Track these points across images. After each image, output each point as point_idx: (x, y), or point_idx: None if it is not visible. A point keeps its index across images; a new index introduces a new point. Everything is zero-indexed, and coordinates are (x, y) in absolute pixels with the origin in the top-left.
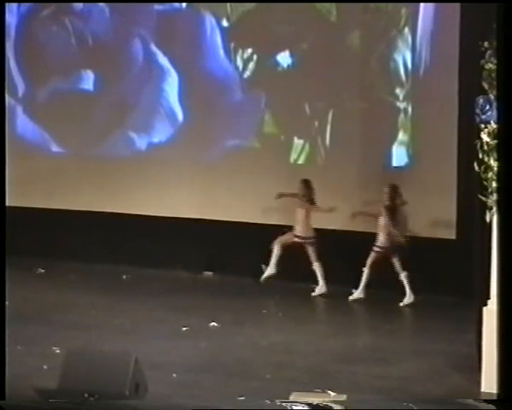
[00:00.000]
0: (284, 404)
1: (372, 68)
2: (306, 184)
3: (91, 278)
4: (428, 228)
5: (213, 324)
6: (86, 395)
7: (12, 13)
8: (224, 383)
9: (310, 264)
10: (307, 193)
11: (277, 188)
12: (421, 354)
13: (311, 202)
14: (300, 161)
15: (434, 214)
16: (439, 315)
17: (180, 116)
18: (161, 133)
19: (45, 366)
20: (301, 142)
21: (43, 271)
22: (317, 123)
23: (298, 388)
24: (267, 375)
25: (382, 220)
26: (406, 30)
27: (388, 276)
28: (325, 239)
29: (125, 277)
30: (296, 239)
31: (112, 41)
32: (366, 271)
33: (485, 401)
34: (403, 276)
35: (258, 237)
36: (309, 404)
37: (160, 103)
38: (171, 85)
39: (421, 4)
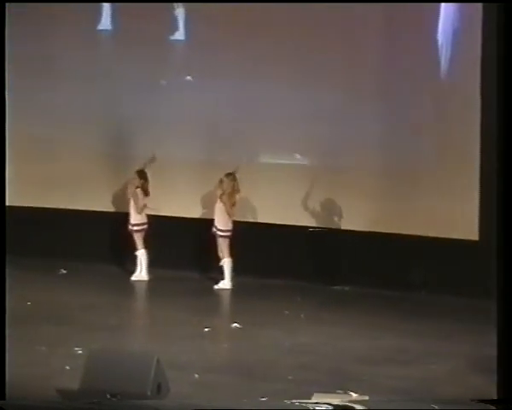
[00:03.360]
0: (306, 405)
1: (393, 68)
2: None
3: (114, 279)
4: (450, 229)
5: (235, 325)
6: (108, 396)
7: None
8: (246, 384)
9: (330, 264)
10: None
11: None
12: (442, 355)
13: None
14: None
15: (457, 215)
16: (461, 316)
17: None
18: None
19: (67, 367)
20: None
21: (65, 272)
22: (340, 125)
23: (320, 389)
24: (289, 376)
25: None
26: (428, 30)
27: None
28: None
29: (150, 277)
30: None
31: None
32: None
33: (486, 401)
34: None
35: (279, 237)
36: (331, 404)
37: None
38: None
39: (443, 4)
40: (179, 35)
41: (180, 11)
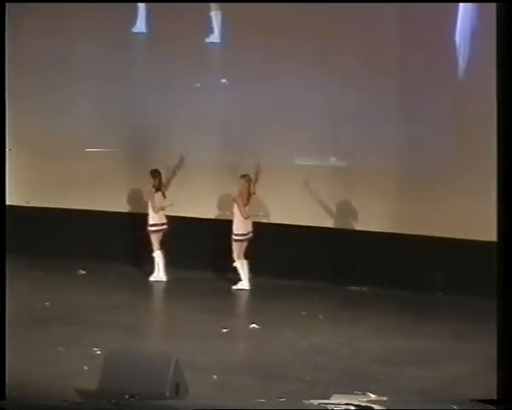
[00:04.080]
0: (324, 405)
1: (411, 69)
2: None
3: (132, 280)
4: (468, 230)
5: (253, 326)
6: (126, 396)
7: None
8: (264, 384)
9: (348, 265)
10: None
11: (324, 192)
12: (460, 355)
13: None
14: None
15: (475, 216)
16: (479, 317)
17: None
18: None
19: (86, 367)
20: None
21: (84, 272)
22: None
23: (337, 390)
24: (307, 377)
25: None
26: (446, 30)
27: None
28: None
29: (169, 278)
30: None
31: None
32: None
33: (486, 401)
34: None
35: (296, 238)
36: (349, 405)
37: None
38: None
39: (461, 4)
40: (214, 38)
41: (216, 14)
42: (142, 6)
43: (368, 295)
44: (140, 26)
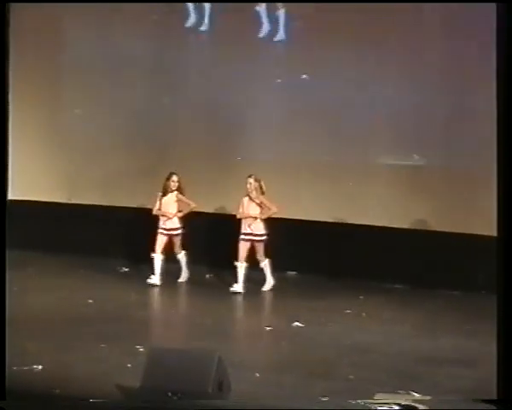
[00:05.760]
0: (369, 404)
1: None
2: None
3: (174, 277)
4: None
5: (297, 324)
6: (169, 394)
7: None
8: (307, 383)
9: (393, 262)
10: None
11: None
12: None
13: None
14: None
15: (476, 211)
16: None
17: None
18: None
19: (129, 365)
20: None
21: (126, 269)
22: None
23: (381, 389)
24: (350, 375)
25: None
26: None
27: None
28: None
29: (208, 276)
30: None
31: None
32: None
33: (486, 400)
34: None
35: (342, 235)
36: (393, 404)
37: None
38: None
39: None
40: (280, 36)
41: (280, 12)
42: (206, 6)
43: (413, 293)
44: (196, 22)
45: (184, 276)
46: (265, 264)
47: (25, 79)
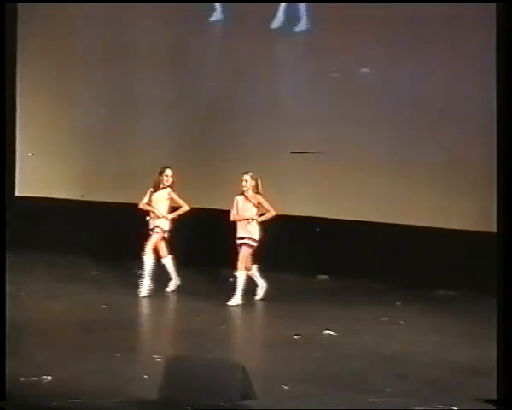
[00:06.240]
0: None
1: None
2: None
3: (195, 282)
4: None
5: (328, 332)
6: (189, 408)
7: None
8: (339, 396)
9: (433, 267)
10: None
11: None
12: None
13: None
14: None
15: (476, 208)
16: None
17: None
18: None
19: (145, 376)
20: None
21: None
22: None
23: (419, 402)
24: (386, 388)
25: None
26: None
27: None
28: None
29: (231, 280)
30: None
31: None
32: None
33: (486, 400)
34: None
35: (379, 238)
36: None
37: None
38: None
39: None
40: (301, 26)
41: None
42: None
43: (454, 299)
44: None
45: (174, 283)
46: (254, 271)
47: (35, 72)
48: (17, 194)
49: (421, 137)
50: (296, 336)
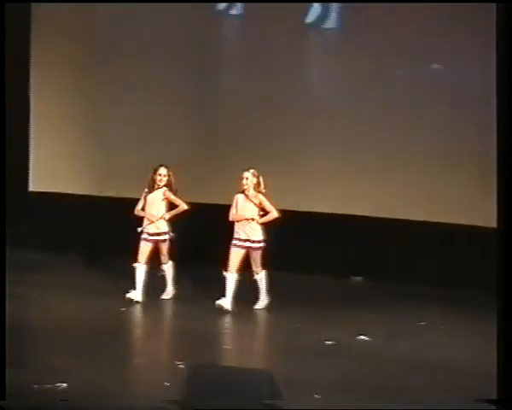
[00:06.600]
0: None
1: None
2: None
3: (220, 284)
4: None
5: (362, 337)
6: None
7: None
8: (374, 405)
9: (479, 269)
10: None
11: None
12: None
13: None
14: None
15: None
16: None
17: None
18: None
19: (167, 383)
20: None
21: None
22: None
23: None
24: (423, 397)
25: None
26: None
27: None
28: None
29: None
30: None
31: None
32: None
33: (485, 400)
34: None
35: (417, 236)
36: None
37: None
38: None
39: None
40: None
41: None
42: None
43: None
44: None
45: (169, 292)
46: (261, 277)
47: (49, 66)
48: (31, 189)
49: (466, 131)
50: (328, 342)
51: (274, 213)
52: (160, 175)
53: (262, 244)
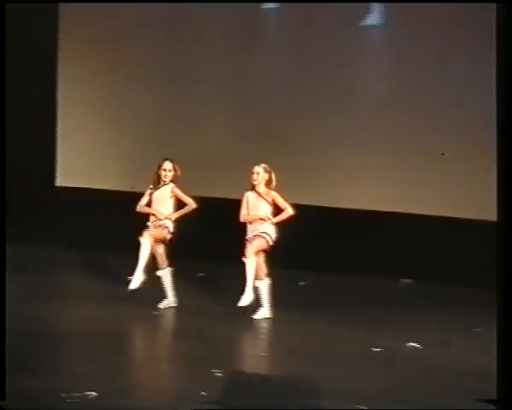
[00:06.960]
0: None
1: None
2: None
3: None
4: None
5: (412, 344)
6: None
7: None
8: None
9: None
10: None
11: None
12: None
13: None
14: None
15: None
16: None
17: None
18: None
19: (203, 392)
20: None
21: (202, 274)
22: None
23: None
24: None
25: None
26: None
27: None
28: None
29: (302, 283)
30: None
31: None
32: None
33: (486, 400)
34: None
35: (472, 235)
36: None
37: None
38: None
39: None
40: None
41: None
42: None
43: None
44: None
45: (168, 302)
46: (264, 284)
47: (77, 59)
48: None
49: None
50: (375, 349)
51: (289, 211)
52: (164, 170)
53: (271, 240)
